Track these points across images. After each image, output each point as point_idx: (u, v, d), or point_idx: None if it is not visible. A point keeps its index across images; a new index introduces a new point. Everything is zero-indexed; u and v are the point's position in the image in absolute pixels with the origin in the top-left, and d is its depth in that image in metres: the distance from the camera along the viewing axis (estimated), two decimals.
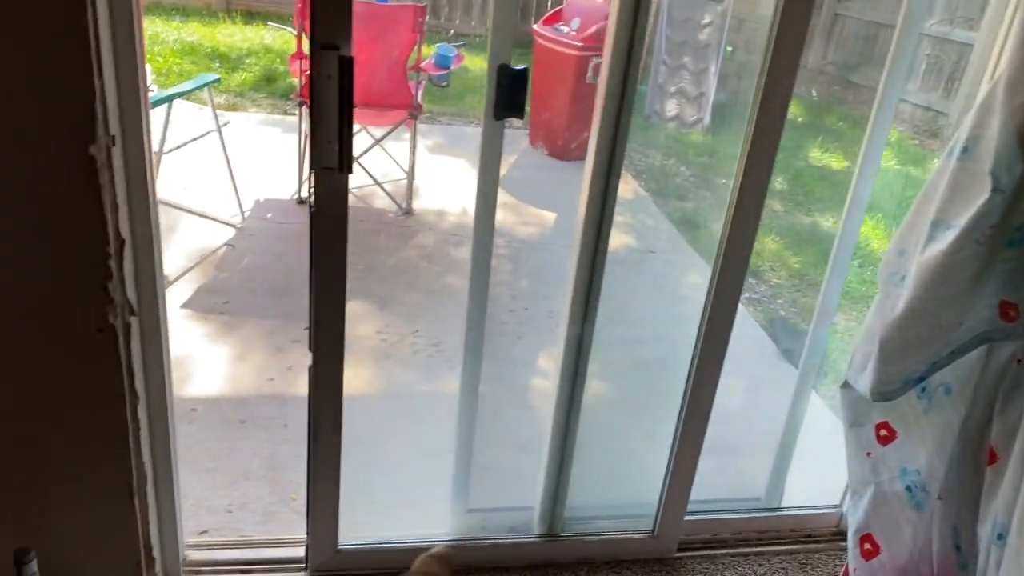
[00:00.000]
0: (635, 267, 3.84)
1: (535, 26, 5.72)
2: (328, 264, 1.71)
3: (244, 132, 5.37)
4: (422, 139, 4.62)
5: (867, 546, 1.84)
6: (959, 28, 6.67)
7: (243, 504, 2.32)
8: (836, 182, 5.60)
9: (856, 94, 7.41)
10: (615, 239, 1.95)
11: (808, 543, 2.37)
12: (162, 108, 3.66)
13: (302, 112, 4.29)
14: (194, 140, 4.24)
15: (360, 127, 4.41)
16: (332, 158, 1.58)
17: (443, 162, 5.48)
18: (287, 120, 5.74)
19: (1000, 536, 1.53)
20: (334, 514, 1.99)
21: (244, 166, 4.42)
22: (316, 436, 1.88)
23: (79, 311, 1.54)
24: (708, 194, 5.24)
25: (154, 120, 2.50)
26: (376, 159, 4.57)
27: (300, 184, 4.49)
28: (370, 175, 4.42)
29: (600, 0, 5.66)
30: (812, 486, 2.51)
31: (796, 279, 4.34)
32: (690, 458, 2.15)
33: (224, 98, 5.95)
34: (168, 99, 3.66)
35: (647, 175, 5.36)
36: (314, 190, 1.63)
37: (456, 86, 6.46)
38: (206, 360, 3.01)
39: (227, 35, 7.53)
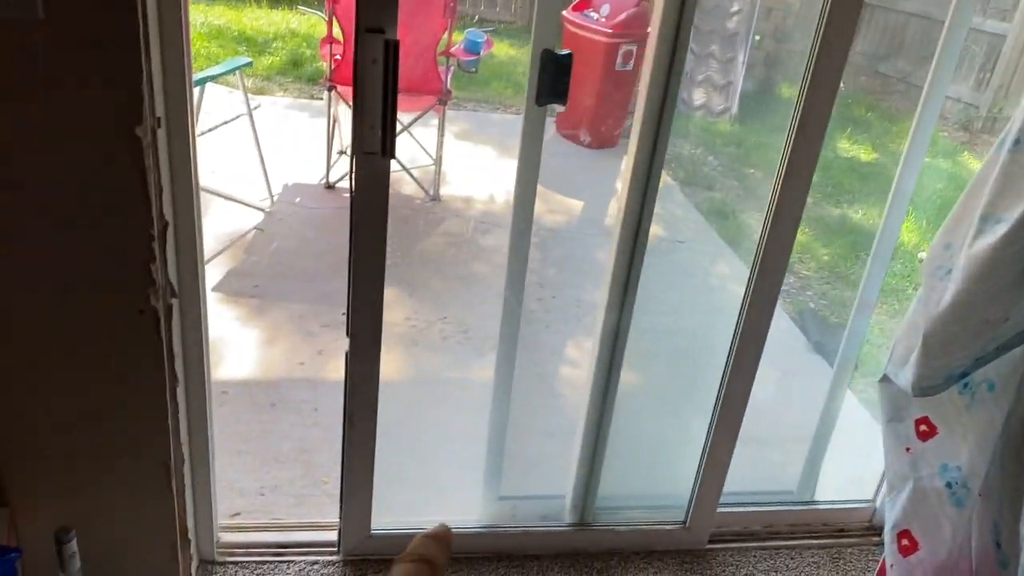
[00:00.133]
0: (664, 256, 3.81)
1: (564, 12, 5.68)
2: (368, 249, 1.70)
3: (272, 116, 5.39)
4: (448, 125, 4.60)
5: (905, 542, 1.82)
6: (992, 19, 6.57)
7: (275, 487, 2.34)
8: (865, 174, 5.53)
9: (885, 84, 7.32)
10: None
11: (841, 537, 2.36)
12: (195, 91, 3.66)
13: (330, 97, 4.29)
14: (225, 123, 4.25)
15: None
16: (375, 143, 1.57)
17: (469, 149, 5.46)
18: (314, 104, 5.74)
19: None
20: (368, 499, 2.00)
21: (272, 150, 4.42)
22: (351, 421, 1.89)
23: (122, 292, 1.54)
24: (736, 184, 5.20)
25: None
26: (404, 145, 4.56)
27: (328, 169, 4.49)
28: (398, 161, 4.41)
29: None
30: (845, 480, 2.49)
31: (826, 271, 4.30)
32: (724, 451, 2.13)
33: (251, 82, 5.95)
34: (202, 82, 3.66)
35: (675, 164, 5.32)
36: (355, 174, 1.62)
37: (483, 72, 6.42)
38: (237, 343, 3.02)
39: (254, 19, 7.54)
